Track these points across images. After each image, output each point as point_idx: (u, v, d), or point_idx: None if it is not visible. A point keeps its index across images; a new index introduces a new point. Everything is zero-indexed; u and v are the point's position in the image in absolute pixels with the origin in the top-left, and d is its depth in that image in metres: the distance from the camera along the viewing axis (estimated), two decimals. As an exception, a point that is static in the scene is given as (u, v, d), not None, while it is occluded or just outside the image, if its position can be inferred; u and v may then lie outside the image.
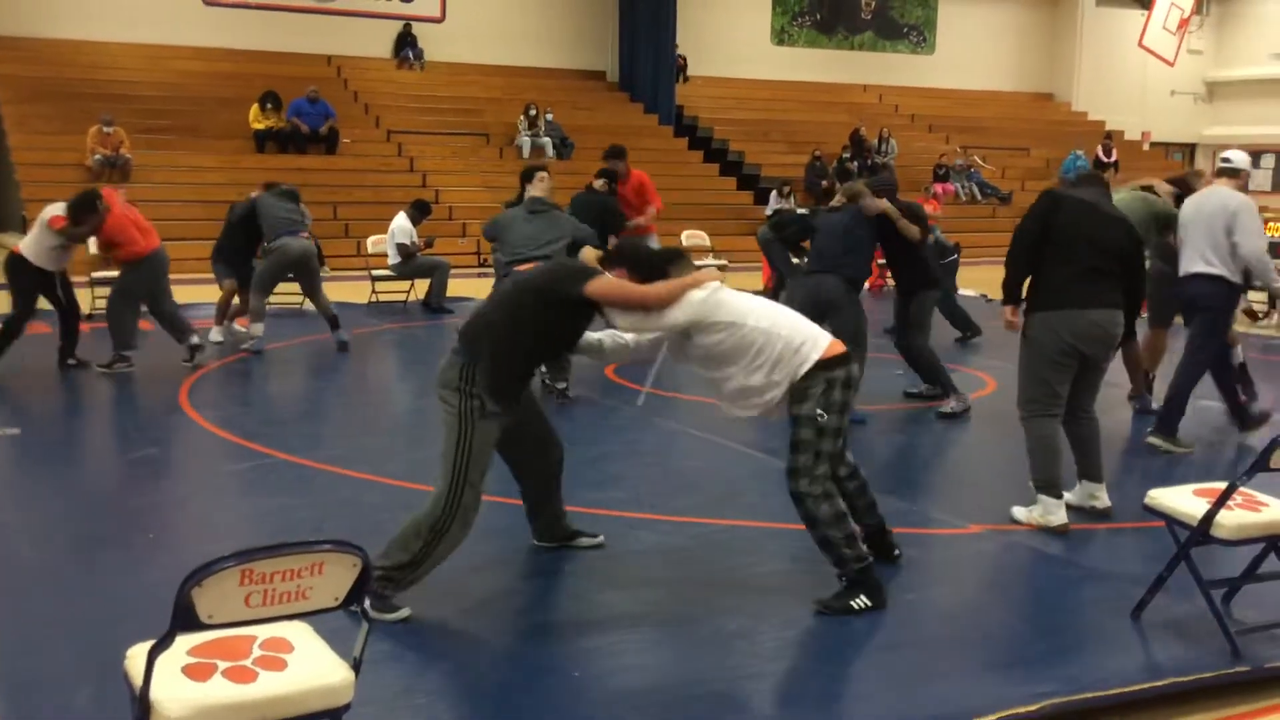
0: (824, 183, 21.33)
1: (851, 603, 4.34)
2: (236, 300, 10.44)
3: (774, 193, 20.48)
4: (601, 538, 5.02)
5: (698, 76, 24.88)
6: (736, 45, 25.55)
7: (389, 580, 4.17)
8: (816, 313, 7.52)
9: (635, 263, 4.43)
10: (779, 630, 4.25)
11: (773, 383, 4.27)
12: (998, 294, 5.86)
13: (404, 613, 4.18)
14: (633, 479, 6.34)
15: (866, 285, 14.86)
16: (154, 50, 20.43)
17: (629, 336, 4.54)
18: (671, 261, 4.45)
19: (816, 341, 4.31)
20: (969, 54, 27.95)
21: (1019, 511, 5.50)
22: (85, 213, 8.59)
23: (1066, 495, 5.63)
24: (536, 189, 8.41)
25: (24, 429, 7.09)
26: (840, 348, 4.37)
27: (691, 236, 16.05)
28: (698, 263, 15.45)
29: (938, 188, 22.40)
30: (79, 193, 8.88)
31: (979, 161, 24.52)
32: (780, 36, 26.49)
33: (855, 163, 22.46)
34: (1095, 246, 5.35)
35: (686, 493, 5.98)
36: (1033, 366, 5.41)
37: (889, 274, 8.75)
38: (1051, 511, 5.37)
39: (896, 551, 4.90)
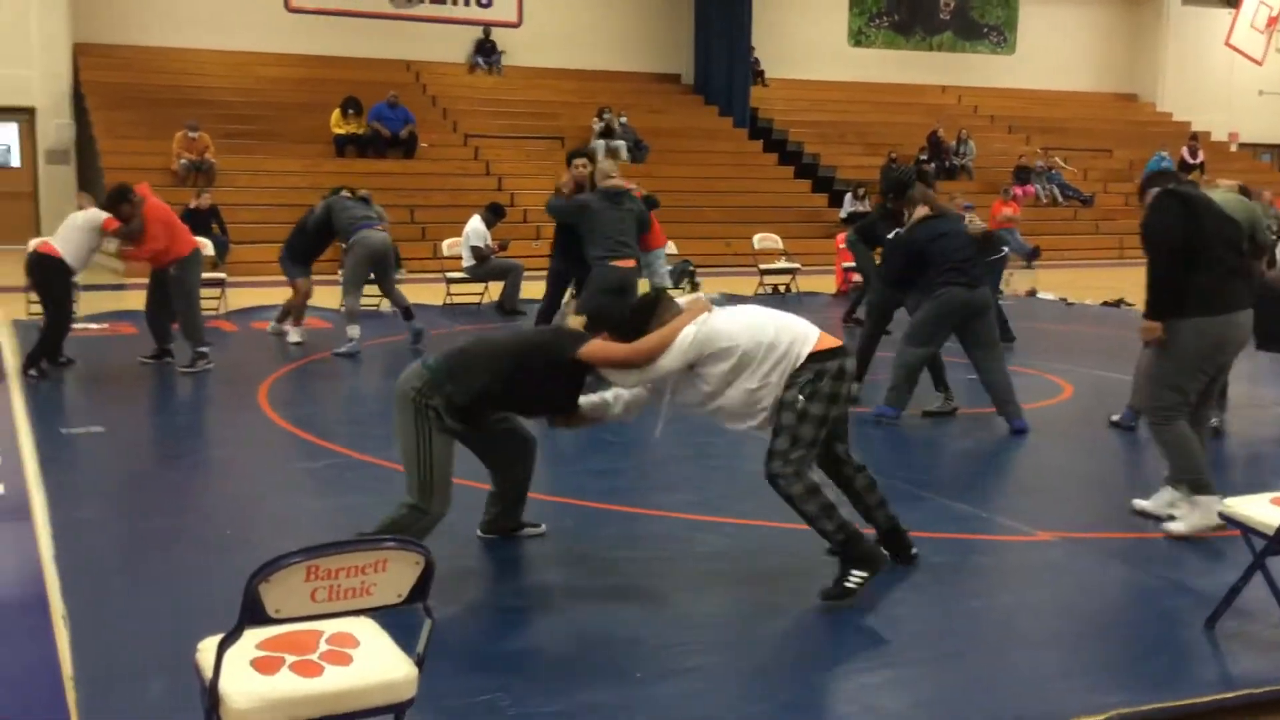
0: (900, 185, 21.13)
1: (846, 583, 4.36)
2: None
3: (848, 195, 20.38)
4: (543, 527, 5.12)
5: (773, 79, 24.80)
6: (813, 47, 25.44)
7: None
8: (967, 322, 7.29)
9: (614, 325, 4.58)
10: (841, 634, 4.24)
11: (768, 386, 4.37)
12: (1077, 296, 5.79)
13: None
14: (700, 481, 6.35)
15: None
16: (238, 57, 20.88)
17: (631, 391, 4.62)
18: (648, 311, 4.54)
19: (806, 338, 4.40)
20: (1050, 54, 27.55)
21: (1175, 525, 5.24)
22: (121, 203, 8.80)
23: (1143, 503, 5.54)
24: (614, 177, 8.50)
25: (107, 427, 7.28)
26: (833, 341, 4.43)
27: (764, 239, 15.95)
28: (765, 266, 15.39)
29: (1017, 189, 22.10)
30: (110, 191, 9.10)
31: (1060, 163, 24.16)
32: (857, 38, 26.33)
33: (932, 164, 22.25)
34: (1226, 245, 5.22)
35: (753, 495, 5.94)
36: (1171, 374, 5.21)
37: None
38: (1213, 510, 4.99)
39: (914, 550, 4.85)
